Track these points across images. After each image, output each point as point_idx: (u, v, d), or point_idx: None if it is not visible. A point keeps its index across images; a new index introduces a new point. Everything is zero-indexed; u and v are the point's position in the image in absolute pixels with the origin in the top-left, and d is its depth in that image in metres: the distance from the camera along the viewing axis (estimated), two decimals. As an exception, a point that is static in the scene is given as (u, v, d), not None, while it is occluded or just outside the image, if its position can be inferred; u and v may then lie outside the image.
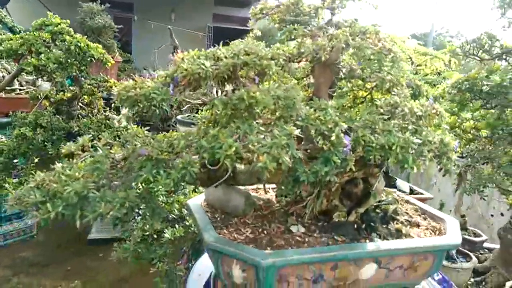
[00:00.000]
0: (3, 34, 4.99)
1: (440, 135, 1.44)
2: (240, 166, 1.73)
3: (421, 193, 4.17)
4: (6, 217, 4.47)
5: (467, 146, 2.60)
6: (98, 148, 1.41)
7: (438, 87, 3.06)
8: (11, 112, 3.55)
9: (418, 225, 1.75)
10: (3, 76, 4.76)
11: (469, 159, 2.50)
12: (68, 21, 3.82)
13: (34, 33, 3.66)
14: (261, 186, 2.06)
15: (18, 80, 5.13)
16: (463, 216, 3.17)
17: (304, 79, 1.93)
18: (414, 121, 1.50)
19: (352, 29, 1.67)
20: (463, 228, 3.14)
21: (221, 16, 16.68)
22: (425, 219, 1.86)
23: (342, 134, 1.32)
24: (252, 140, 1.18)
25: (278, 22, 1.80)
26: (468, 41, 2.76)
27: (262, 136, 1.20)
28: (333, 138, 1.28)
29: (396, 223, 1.71)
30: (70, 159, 1.44)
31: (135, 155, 1.28)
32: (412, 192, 4.16)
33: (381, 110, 1.51)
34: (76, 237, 4.43)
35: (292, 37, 1.68)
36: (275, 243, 1.50)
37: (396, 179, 4.39)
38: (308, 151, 1.37)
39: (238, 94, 1.26)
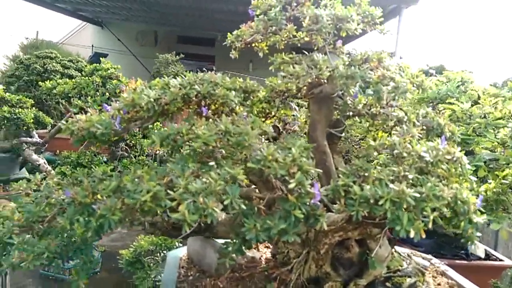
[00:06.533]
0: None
1: (455, 189, 1.06)
2: (220, 215, 1.48)
3: (500, 259, 3.44)
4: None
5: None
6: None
7: (499, 132, 2.54)
8: (58, 151, 3.71)
9: (443, 308, 1.31)
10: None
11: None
12: (119, 66, 4.01)
13: (87, 77, 3.89)
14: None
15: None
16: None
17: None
18: (424, 170, 1.15)
19: (352, 57, 1.39)
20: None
21: (295, 65, 16.87)
22: (460, 299, 1.41)
23: (307, 182, 1.02)
24: (179, 184, 0.95)
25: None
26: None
27: (193, 180, 0.96)
28: (292, 185, 0.99)
29: (411, 303, 1.30)
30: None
31: (62, 197, 1.11)
32: (488, 257, 3.45)
33: (376, 154, 1.18)
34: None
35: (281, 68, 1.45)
36: (237, 317, 1.20)
37: (468, 241, 3.67)
38: (265, 200, 1.08)
39: (177, 127, 1.05)
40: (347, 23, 1.30)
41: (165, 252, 2.68)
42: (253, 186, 1.30)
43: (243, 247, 1.07)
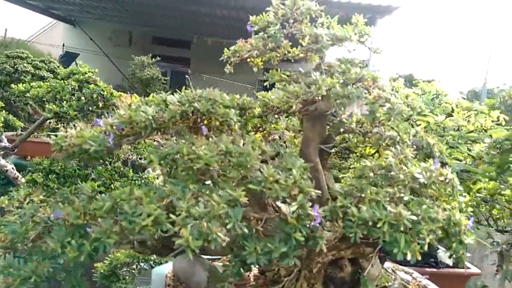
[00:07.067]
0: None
1: (448, 211, 1.09)
2: (223, 240, 1.45)
3: (468, 267, 3.56)
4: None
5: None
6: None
7: (474, 147, 2.64)
8: (29, 157, 3.56)
9: (431, 325, 1.34)
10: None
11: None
12: (97, 70, 3.90)
13: (63, 81, 3.76)
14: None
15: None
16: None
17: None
18: (416, 190, 1.17)
19: (346, 76, 1.41)
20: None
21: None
22: (445, 315, 1.44)
23: (308, 204, 1.02)
24: (181, 208, 0.92)
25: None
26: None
27: (194, 202, 0.94)
28: (293, 208, 0.99)
29: (401, 320, 1.32)
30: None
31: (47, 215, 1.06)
32: (456, 265, 3.57)
33: (371, 174, 1.20)
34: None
35: (276, 84, 1.45)
36: None
37: (438, 249, 3.80)
38: (262, 222, 1.08)
39: (177, 147, 1.03)
40: (345, 42, 1.31)
41: (142, 264, 2.61)
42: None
43: (242, 270, 1.06)
